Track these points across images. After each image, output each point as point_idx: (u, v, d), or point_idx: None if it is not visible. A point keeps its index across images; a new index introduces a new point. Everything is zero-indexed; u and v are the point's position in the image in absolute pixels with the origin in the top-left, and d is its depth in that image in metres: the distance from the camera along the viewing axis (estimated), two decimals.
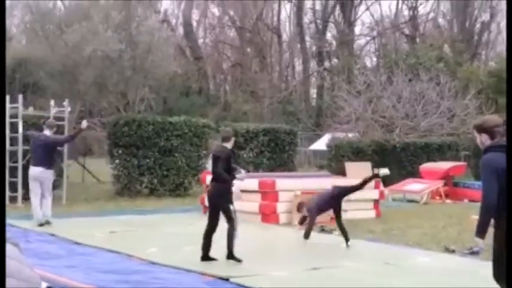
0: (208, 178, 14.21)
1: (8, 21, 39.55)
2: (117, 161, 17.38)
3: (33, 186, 11.44)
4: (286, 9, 50.10)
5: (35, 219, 11.40)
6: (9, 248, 2.01)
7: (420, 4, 47.16)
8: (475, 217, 5.17)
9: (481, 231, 4.95)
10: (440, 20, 47.61)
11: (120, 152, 17.30)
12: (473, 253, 8.63)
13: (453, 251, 9.47)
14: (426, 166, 19.62)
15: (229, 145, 8.64)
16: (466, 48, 39.45)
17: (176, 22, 45.38)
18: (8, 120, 14.86)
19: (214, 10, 49.01)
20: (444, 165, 19.46)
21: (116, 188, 17.56)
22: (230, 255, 8.32)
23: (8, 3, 36.08)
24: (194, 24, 46.21)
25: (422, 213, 14.84)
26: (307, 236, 9.96)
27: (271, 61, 46.59)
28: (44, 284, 2.45)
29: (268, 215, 12.48)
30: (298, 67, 49.19)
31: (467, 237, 9.73)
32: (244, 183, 13.37)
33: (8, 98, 15.09)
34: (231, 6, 46.67)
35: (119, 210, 14.41)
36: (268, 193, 12.68)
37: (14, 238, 2.11)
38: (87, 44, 18.32)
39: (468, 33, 43.32)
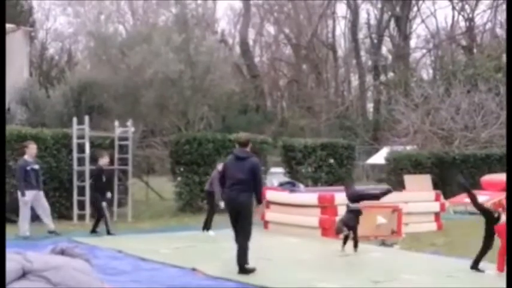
0: (269, 193, 14.52)
1: (73, 47, 41.16)
2: (179, 178, 17.74)
3: None
4: (341, 26, 50.26)
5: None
6: (81, 264, 2.09)
7: (477, 15, 46.47)
8: None
9: None
10: (498, 30, 46.69)
11: (181, 169, 17.67)
12: None
13: None
14: (488, 178, 19.29)
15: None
16: None
17: (233, 42, 46.10)
18: (75, 141, 15.49)
19: (270, 29, 49.59)
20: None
21: (178, 205, 17.89)
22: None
23: (72, 30, 37.55)
24: (250, 43, 46.83)
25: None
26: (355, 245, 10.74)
27: (327, 77, 46.69)
28: None
29: (327, 229, 12.56)
30: (354, 82, 49.11)
31: None
32: (304, 197, 13.68)
33: (75, 119, 15.74)
34: (287, 24, 47.12)
35: (182, 226, 14.65)
36: (327, 207, 12.81)
37: (86, 254, 2.16)
38: (149, 66, 18.80)
39: None
